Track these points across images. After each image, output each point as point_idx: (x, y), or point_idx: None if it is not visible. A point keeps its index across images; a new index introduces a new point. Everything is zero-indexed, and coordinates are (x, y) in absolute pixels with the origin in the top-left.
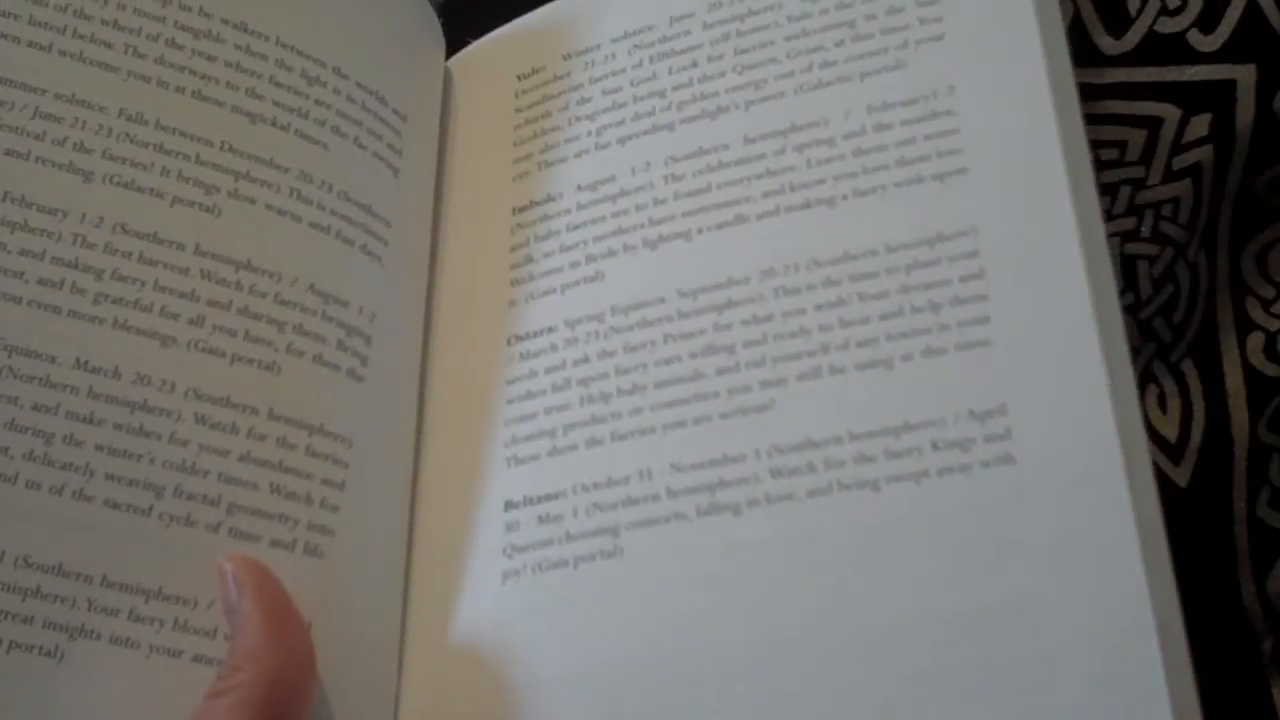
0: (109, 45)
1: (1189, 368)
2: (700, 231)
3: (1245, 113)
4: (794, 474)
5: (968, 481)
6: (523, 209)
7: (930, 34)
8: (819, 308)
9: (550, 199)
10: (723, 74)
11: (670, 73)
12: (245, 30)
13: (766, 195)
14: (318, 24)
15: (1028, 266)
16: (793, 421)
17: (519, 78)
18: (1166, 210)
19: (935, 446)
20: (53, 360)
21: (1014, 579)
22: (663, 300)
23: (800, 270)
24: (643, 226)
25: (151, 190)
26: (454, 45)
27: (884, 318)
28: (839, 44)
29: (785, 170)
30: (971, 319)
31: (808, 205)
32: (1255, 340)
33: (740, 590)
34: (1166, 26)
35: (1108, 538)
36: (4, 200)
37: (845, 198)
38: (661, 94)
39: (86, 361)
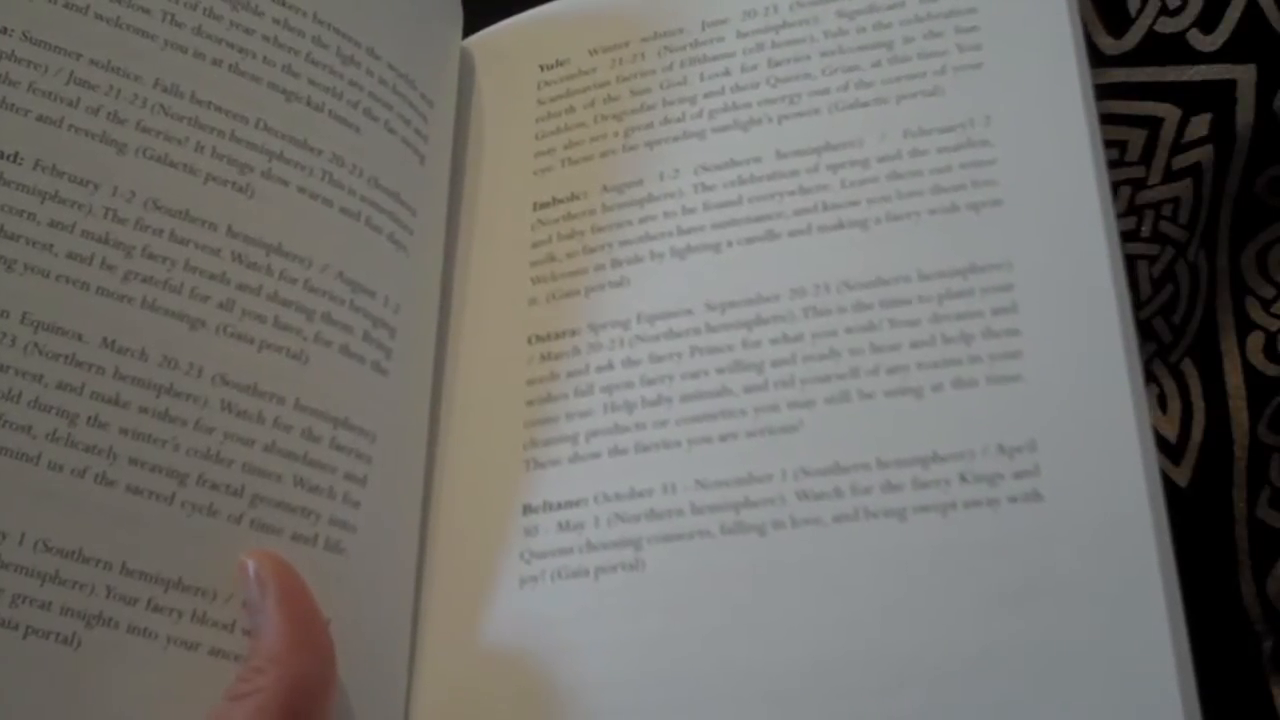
0: (146, 11)
1: (1189, 368)
2: (730, 245)
3: (1245, 113)
4: (820, 498)
5: (994, 517)
6: (544, 205)
7: (969, 61)
8: (849, 331)
9: (574, 197)
10: (756, 85)
11: (702, 79)
12: (283, 4)
13: (798, 213)
14: (353, 1)
15: (1061, 304)
16: (820, 444)
17: (542, 68)
18: (1166, 210)
19: (963, 479)
20: (79, 338)
21: (1036, 616)
22: (690, 312)
23: (831, 291)
24: (671, 235)
25: (185, 166)
26: (468, 25)
27: (915, 345)
28: (875, 65)
29: (818, 189)
30: (1003, 353)
31: (840, 226)
32: (1255, 340)
33: (763, 612)
34: (1166, 26)
35: (1132, 580)
36: (35, 169)
37: (878, 221)
38: (692, 100)
39: (114, 341)
